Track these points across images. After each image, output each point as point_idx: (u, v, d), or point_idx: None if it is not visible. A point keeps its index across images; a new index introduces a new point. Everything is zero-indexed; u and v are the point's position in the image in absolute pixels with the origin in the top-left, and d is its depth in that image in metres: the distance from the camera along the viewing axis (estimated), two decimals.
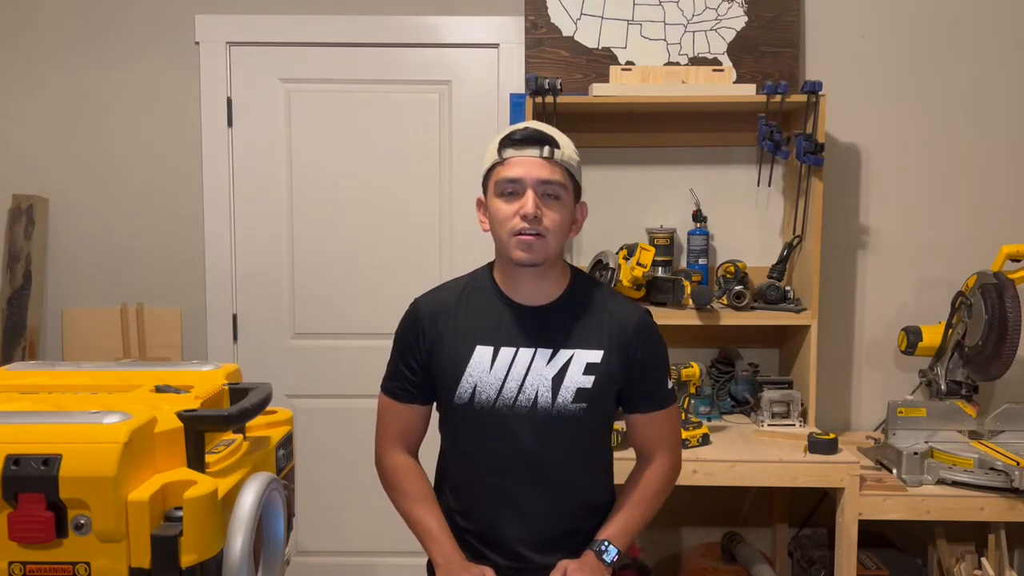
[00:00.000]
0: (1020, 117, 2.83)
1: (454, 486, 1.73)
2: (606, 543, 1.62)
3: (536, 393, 1.60)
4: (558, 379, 1.60)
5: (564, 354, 1.60)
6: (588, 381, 1.60)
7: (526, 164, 1.54)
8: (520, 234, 1.53)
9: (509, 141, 1.56)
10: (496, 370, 1.60)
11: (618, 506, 1.69)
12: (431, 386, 1.68)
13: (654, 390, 1.67)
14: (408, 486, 1.69)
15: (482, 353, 1.61)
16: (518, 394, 1.60)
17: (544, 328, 1.61)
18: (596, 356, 1.61)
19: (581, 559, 1.62)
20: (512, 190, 1.55)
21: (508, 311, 1.62)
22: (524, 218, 1.52)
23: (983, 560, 2.40)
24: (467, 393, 1.61)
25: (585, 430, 1.64)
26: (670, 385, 1.70)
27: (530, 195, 1.53)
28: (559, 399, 1.60)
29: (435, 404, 1.72)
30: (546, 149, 1.55)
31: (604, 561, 1.61)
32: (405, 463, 1.71)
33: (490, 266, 1.69)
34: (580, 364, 1.60)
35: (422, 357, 1.65)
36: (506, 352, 1.60)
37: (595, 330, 1.62)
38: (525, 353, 1.60)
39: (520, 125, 1.60)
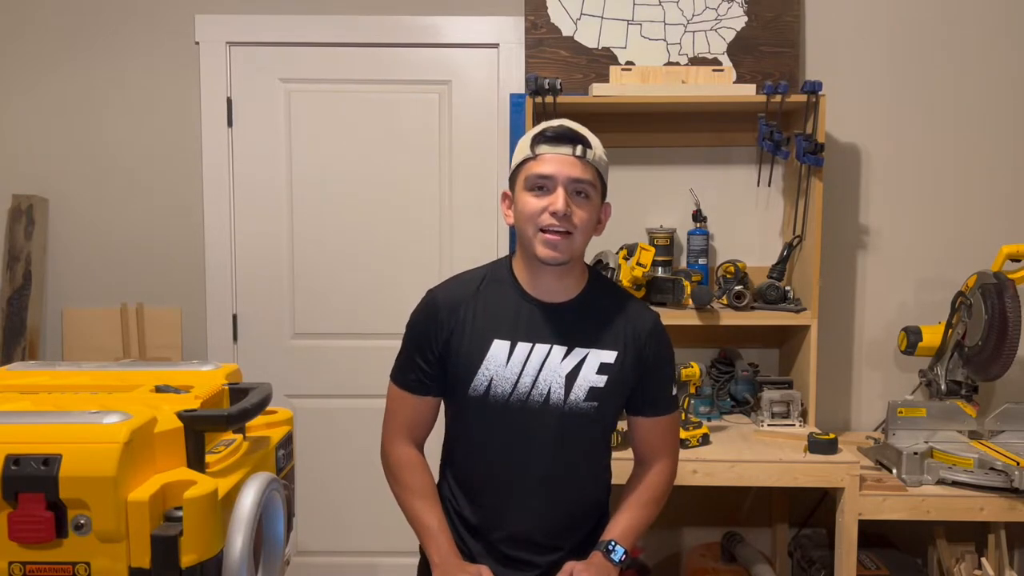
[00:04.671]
0: (1020, 117, 2.83)
1: (458, 474, 1.72)
2: (613, 543, 1.63)
3: (549, 389, 1.60)
4: (572, 376, 1.61)
5: (579, 352, 1.61)
6: (601, 381, 1.61)
7: (559, 161, 1.55)
8: (547, 231, 1.54)
9: (543, 137, 1.57)
10: (512, 365, 1.60)
11: (623, 507, 1.69)
12: (445, 378, 1.66)
13: (661, 395, 1.69)
14: (411, 480, 1.67)
15: (499, 347, 1.60)
16: (532, 389, 1.60)
17: (561, 325, 1.62)
18: (610, 357, 1.62)
19: (588, 560, 1.62)
20: (542, 185, 1.55)
21: (526, 307, 1.63)
22: (554, 215, 1.53)
23: (983, 560, 2.40)
24: (483, 386, 1.61)
25: (593, 429, 1.66)
26: (674, 392, 1.73)
27: (560, 192, 1.53)
28: (571, 396, 1.61)
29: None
30: (579, 148, 1.55)
31: (612, 560, 1.62)
32: (410, 456, 1.69)
33: (508, 259, 1.69)
34: (594, 364, 1.61)
35: (439, 348, 1.64)
36: (523, 347, 1.60)
37: (611, 331, 1.63)
38: (541, 349, 1.60)
39: (555, 122, 1.59)
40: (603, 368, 1.61)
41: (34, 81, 2.89)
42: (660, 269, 2.74)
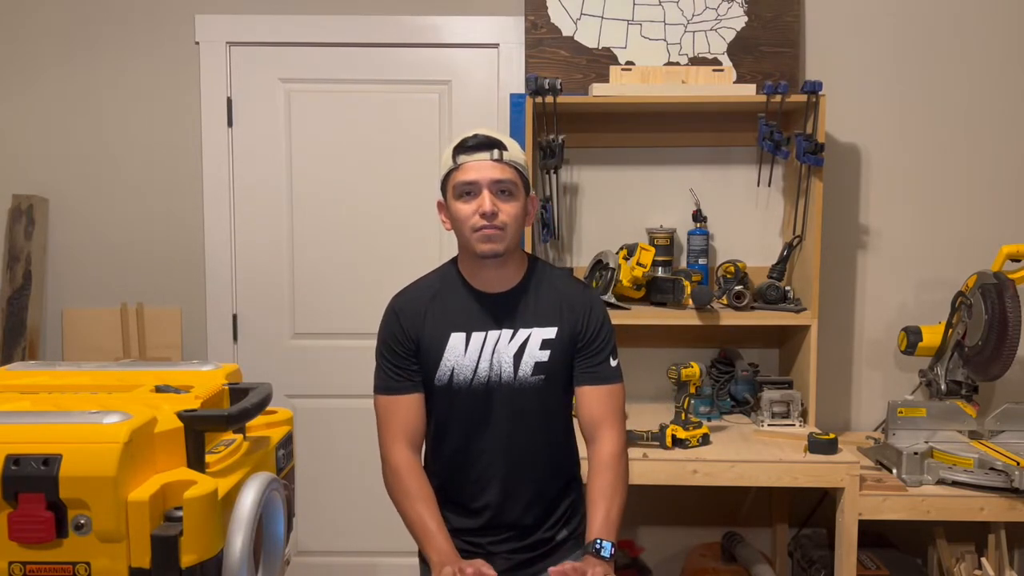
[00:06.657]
0: (1020, 117, 2.83)
1: (434, 461, 1.84)
2: (599, 541, 1.67)
3: (501, 369, 1.76)
4: (518, 355, 1.76)
5: (523, 333, 1.77)
6: (544, 355, 1.76)
7: (479, 167, 1.69)
8: (480, 230, 1.68)
9: (462, 148, 1.71)
10: (470, 352, 1.76)
11: (592, 502, 1.74)
12: (421, 372, 1.79)
13: (598, 364, 1.79)
14: (411, 485, 1.74)
15: (457, 339, 1.76)
16: (489, 372, 1.76)
17: (506, 311, 1.77)
18: (551, 333, 1.77)
19: (582, 563, 1.65)
20: (469, 191, 1.70)
21: (475, 299, 1.78)
22: (483, 216, 1.67)
23: (983, 560, 2.40)
24: (446, 375, 1.76)
25: (546, 400, 1.79)
26: (614, 364, 1.82)
27: (486, 194, 1.68)
28: (520, 373, 1.76)
29: None
30: (495, 152, 1.69)
31: (603, 558, 1.65)
32: (408, 462, 1.76)
33: (454, 261, 1.84)
34: (537, 340, 1.76)
35: (411, 345, 1.78)
36: (477, 336, 1.76)
37: (549, 309, 1.78)
38: (492, 335, 1.76)
39: (470, 132, 1.72)
40: (545, 344, 1.76)
41: (34, 81, 2.89)
42: (660, 269, 2.74)
